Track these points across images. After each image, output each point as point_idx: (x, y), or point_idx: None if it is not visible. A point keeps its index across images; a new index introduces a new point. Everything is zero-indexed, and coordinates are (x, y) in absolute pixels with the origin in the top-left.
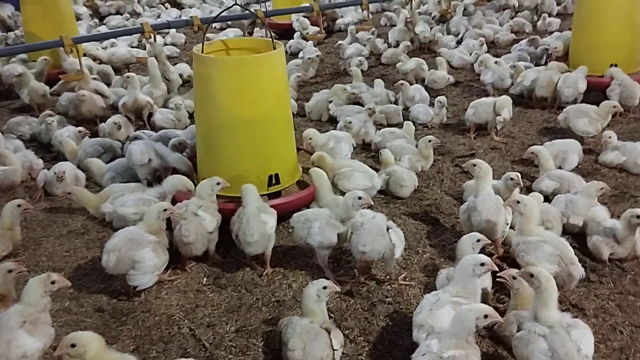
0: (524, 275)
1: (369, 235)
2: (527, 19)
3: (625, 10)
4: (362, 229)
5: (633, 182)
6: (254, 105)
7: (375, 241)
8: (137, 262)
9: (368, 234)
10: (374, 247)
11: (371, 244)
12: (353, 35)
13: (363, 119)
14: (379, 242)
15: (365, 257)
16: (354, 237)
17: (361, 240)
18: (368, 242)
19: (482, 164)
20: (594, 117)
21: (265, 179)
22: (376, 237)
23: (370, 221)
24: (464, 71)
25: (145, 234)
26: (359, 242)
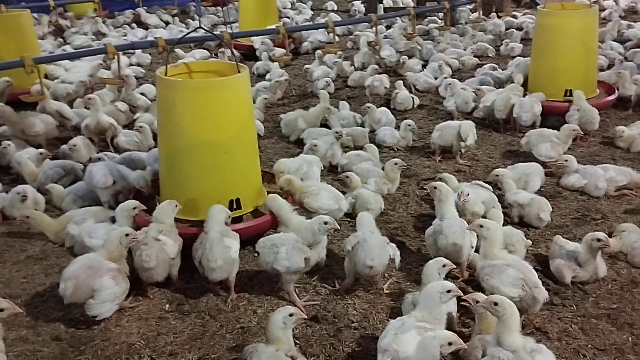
0: (488, 305)
1: (375, 250)
2: (490, 44)
3: (581, 37)
4: (367, 244)
5: (594, 205)
6: (217, 128)
7: (381, 255)
8: (96, 290)
9: (373, 248)
10: (381, 260)
11: (378, 258)
12: (320, 58)
13: (330, 141)
14: (384, 256)
15: (372, 271)
16: (360, 253)
17: (369, 254)
18: (375, 256)
19: (443, 187)
20: (555, 141)
21: (226, 203)
22: (381, 250)
23: (373, 236)
24: (429, 94)
25: (104, 261)
26: (367, 257)
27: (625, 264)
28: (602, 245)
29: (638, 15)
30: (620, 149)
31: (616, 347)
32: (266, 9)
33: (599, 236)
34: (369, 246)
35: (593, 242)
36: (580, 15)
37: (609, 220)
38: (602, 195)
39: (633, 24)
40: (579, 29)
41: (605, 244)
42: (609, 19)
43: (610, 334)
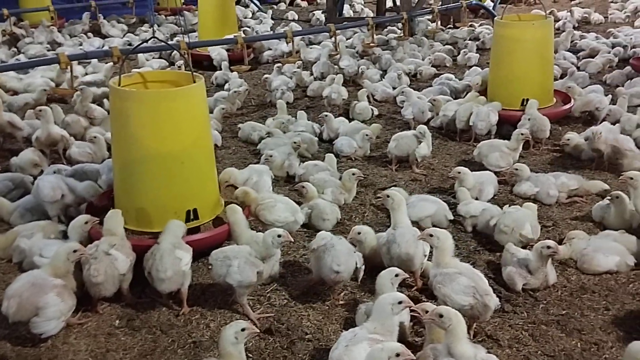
0: (434, 317)
1: (342, 255)
2: (447, 53)
3: (537, 47)
4: (335, 249)
5: (545, 212)
6: (172, 139)
7: (348, 261)
8: (40, 308)
9: (341, 253)
10: (347, 266)
11: (345, 264)
12: (278, 69)
13: (287, 151)
14: (351, 262)
15: (338, 277)
16: (327, 257)
17: (335, 259)
18: (342, 261)
19: (395, 195)
20: (505, 151)
21: (183, 214)
22: (348, 256)
23: (341, 241)
24: (387, 104)
25: (49, 277)
26: (334, 262)
27: (575, 271)
28: (551, 253)
29: (591, 26)
30: (572, 156)
31: (565, 353)
32: (225, 19)
33: (549, 244)
34: (336, 251)
35: (543, 250)
36: (536, 26)
37: (560, 227)
38: (553, 203)
39: (586, 35)
40: (535, 39)
41: (554, 251)
42: (562, 30)
43: (559, 340)
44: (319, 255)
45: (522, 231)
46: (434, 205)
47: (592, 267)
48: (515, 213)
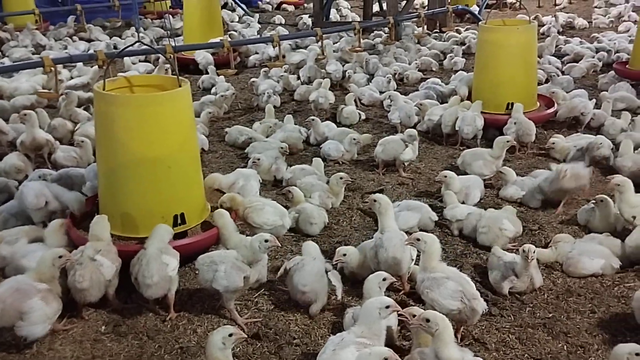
0: (421, 322)
1: (309, 276)
2: (433, 58)
3: (521, 52)
4: (304, 270)
5: (531, 216)
6: (158, 144)
7: (315, 282)
8: (25, 313)
9: (309, 274)
10: (313, 287)
11: (311, 285)
12: (265, 73)
13: (274, 155)
14: (318, 284)
15: (305, 297)
16: (295, 277)
17: (302, 280)
18: (308, 282)
19: (382, 199)
20: (489, 159)
21: (170, 218)
22: (315, 277)
23: (312, 262)
24: (374, 108)
25: (34, 282)
26: (300, 282)
27: (561, 274)
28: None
29: (575, 31)
30: (557, 160)
31: (552, 355)
32: (211, 22)
33: (524, 248)
34: (304, 272)
35: (530, 254)
36: (520, 31)
37: (546, 231)
38: (539, 206)
39: (570, 39)
40: (519, 44)
41: (527, 255)
42: (547, 34)
43: (546, 343)
44: (291, 274)
45: (502, 225)
46: (416, 215)
47: (578, 270)
48: (492, 213)
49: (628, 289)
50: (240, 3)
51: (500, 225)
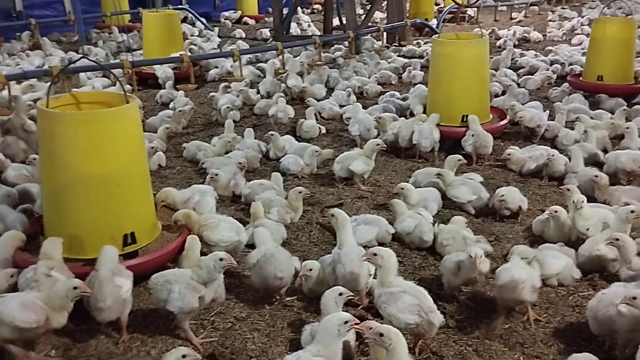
0: (374, 336)
1: (284, 262)
2: (392, 71)
3: (473, 65)
4: (275, 258)
5: (487, 227)
6: (105, 162)
7: (289, 267)
8: None
9: (282, 262)
10: (289, 272)
11: (287, 270)
12: (225, 87)
13: (232, 170)
14: (292, 268)
15: (282, 282)
16: (269, 267)
17: (278, 267)
18: (284, 268)
19: (340, 214)
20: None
21: (119, 238)
22: (288, 262)
23: (278, 249)
24: (334, 122)
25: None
26: (277, 269)
27: None
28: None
29: (530, 44)
30: (513, 171)
31: None
32: (171, 37)
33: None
34: (277, 260)
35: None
36: (473, 44)
37: (502, 242)
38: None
39: (525, 53)
40: (471, 58)
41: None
42: (503, 47)
43: (502, 354)
44: (261, 265)
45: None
46: (374, 229)
47: (545, 271)
48: (449, 226)
49: (582, 299)
50: (200, 17)
51: (464, 235)
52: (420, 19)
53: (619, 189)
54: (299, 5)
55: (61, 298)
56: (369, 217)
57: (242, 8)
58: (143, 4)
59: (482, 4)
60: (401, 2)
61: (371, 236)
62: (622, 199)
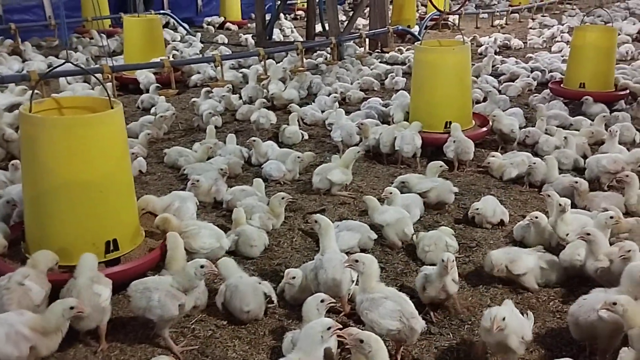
0: (355, 342)
1: (249, 295)
2: (375, 77)
3: (455, 72)
4: (239, 290)
5: (469, 233)
6: (88, 168)
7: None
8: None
9: (246, 294)
10: (256, 303)
11: (254, 302)
12: (206, 94)
13: (214, 176)
14: (259, 298)
15: (249, 315)
16: (234, 300)
17: (244, 300)
18: (250, 300)
19: (323, 220)
20: None
21: (102, 245)
22: (254, 293)
23: (242, 280)
24: (316, 128)
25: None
26: (242, 303)
27: (500, 290)
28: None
29: (511, 51)
30: (494, 177)
31: None
32: (152, 42)
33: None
34: (241, 293)
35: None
36: (455, 51)
37: (483, 247)
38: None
39: (506, 60)
40: (453, 64)
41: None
42: (484, 54)
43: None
44: (227, 300)
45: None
46: (356, 235)
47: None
48: (431, 233)
49: (563, 304)
50: (182, 22)
51: (446, 242)
52: (402, 25)
53: (599, 195)
54: (282, 12)
55: (57, 318)
56: (351, 224)
57: (225, 13)
58: (124, 8)
59: (463, 12)
60: (384, 9)
61: (353, 242)
62: (602, 205)
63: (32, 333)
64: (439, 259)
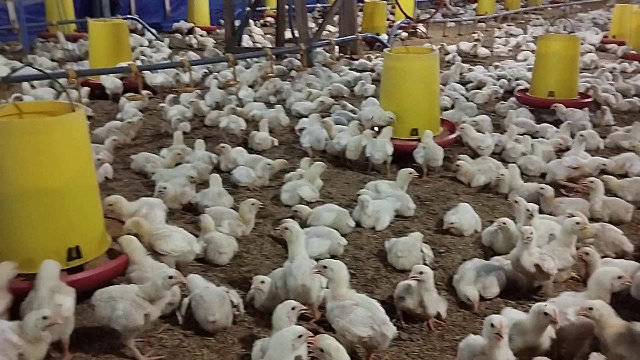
0: (315, 351)
1: (215, 304)
2: (345, 84)
3: (423, 79)
4: (204, 301)
5: (439, 239)
6: (48, 173)
7: (221, 307)
8: None
9: (212, 304)
10: (222, 313)
11: (219, 311)
12: (171, 100)
13: (182, 182)
14: (225, 307)
15: (215, 326)
16: (200, 311)
17: (209, 310)
18: (216, 309)
19: (294, 227)
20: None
21: (64, 253)
22: (220, 304)
23: (208, 290)
24: (286, 133)
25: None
26: (208, 314)
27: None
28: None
29: (478, 59)
30: (463, 183)
31: None
32: (118, 47)
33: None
34: (207, 303)
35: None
36: (423, 59)
37: (452, 253)
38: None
39: (473, 68)
40: (421, 72)
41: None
42: (452, 62)
43: None
44: (193, 311)
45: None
46: (326, 241)
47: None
48: (404, 238)
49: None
50: (149, 27)
51: (421, 248)
52: (371, 33)
53: (565, 201)
54: (251, 18)
55: (31, 329)
56: (320, 230)
57: (194, 19)
58: (90, 13)
59: (432, 20)
60: (353, 17)
61: (323, 249)
62: (567, 211)
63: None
64: (412, 265)
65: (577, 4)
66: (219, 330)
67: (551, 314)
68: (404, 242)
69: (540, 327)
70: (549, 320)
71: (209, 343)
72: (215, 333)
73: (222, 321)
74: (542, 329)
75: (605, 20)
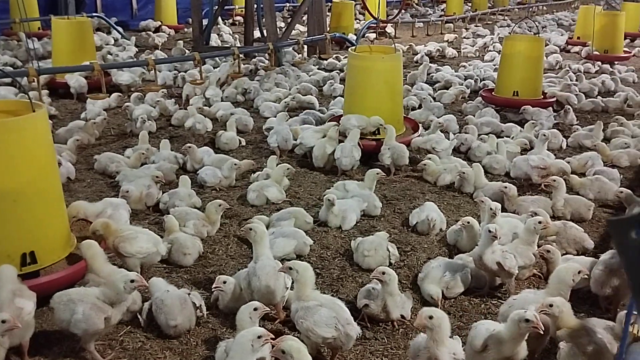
0: (277, 353)
1: (175, 308)
2: (313, 84)
3: (386, 78)
4: (165, 305)
5: (404, 238)
6: (3, 174)
7: (183, 311)
8: None
9: (173, 307)
10: (184, 316)
11: (181, 315)
12: (135, 99)
13: (146, 183)
14: (187, 311)
15: (177, 330)
16: (161, 315)
17: (170, 315)
18: (176, 313)
19: (258, 228)
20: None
21: (17, 258)
22: (182, 307)
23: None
24: (253, 133)
25: None
26: (169, 318)
27: None
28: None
29: (445, 60)
30: (429, 183)
31: None
32: (82, 45)
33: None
34: (167, 307)
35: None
36: (386, 59)
37: (417, 252)
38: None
39: (441, 68)
40: (384, 71)
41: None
42: (420, 63)
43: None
44: (154, 315)
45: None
46: (292, 241)
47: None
48: (371, 238)
49: (493, 305)
50: (115, 26)
51: (387, 247)
52: (340, 32)
53: (527, 199)
54: (220, 16)
55: None
56: (286, 230)
57: (161, 17)
58: (55, 11)
59: (399, 20)
60: (322, 16)
61: (289, 249)
62: (530, 209)
63: None
64: (375, 265)
65: (543, 5)
66: (182, 334)
67: (533, 320)
68: (370, 242)
69: (520, 335)
70: (531, 327)
71: (172, 345)
72: (178, 336)
73: (184, 325)
74: (522, 337)
75: (570, 22)
